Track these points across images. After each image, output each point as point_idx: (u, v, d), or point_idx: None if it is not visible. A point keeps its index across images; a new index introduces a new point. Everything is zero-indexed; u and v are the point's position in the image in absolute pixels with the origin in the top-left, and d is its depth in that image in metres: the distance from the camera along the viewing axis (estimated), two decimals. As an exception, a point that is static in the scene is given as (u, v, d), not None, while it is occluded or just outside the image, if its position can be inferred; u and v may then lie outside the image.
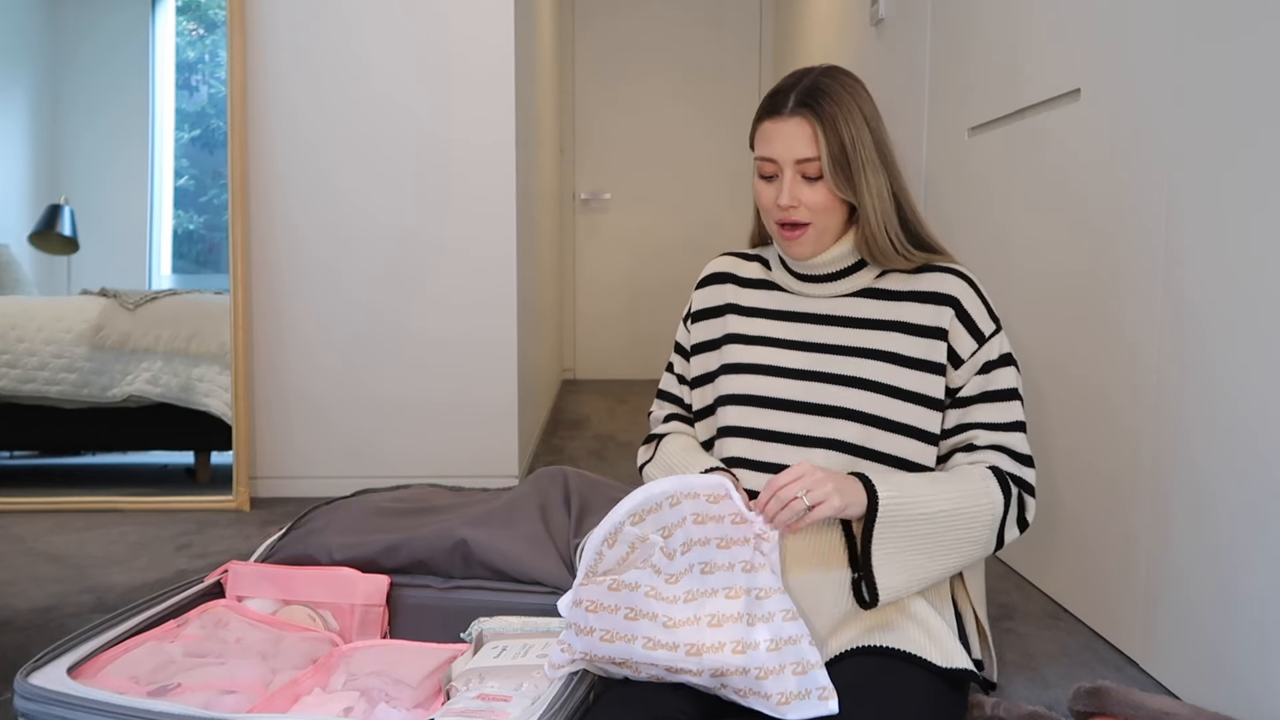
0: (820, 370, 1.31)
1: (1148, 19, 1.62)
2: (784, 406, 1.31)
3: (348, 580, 1.54)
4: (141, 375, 2.86)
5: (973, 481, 1.26)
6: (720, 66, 5.43)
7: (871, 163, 1.27)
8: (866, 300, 1.34)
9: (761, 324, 1.37)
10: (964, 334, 1.32)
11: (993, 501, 1.26)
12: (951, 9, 2.58)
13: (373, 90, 2.79)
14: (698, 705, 1.15)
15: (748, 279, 1.42)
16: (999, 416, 1.32)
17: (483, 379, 2.85)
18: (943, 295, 1.32)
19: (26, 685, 1.17)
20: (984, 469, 1.28)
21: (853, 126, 1.26)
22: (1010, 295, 2.17)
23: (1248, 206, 1.35)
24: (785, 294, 1.38)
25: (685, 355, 1.46)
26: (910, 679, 1.17)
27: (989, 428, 1.31)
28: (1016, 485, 1.30)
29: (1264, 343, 1.32)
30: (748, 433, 1.32)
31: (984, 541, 1.26)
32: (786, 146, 1.28)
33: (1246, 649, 1.36)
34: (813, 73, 1.31)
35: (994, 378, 1.32)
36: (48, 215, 3.12)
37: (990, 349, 1.33)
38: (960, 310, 1.32)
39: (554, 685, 1.17)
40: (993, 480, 1.27)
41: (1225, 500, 1.40)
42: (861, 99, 1.29)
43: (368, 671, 1.29)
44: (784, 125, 1.28)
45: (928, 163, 2.76)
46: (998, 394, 1.32)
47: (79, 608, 1.89)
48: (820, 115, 1.26)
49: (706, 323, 1.43)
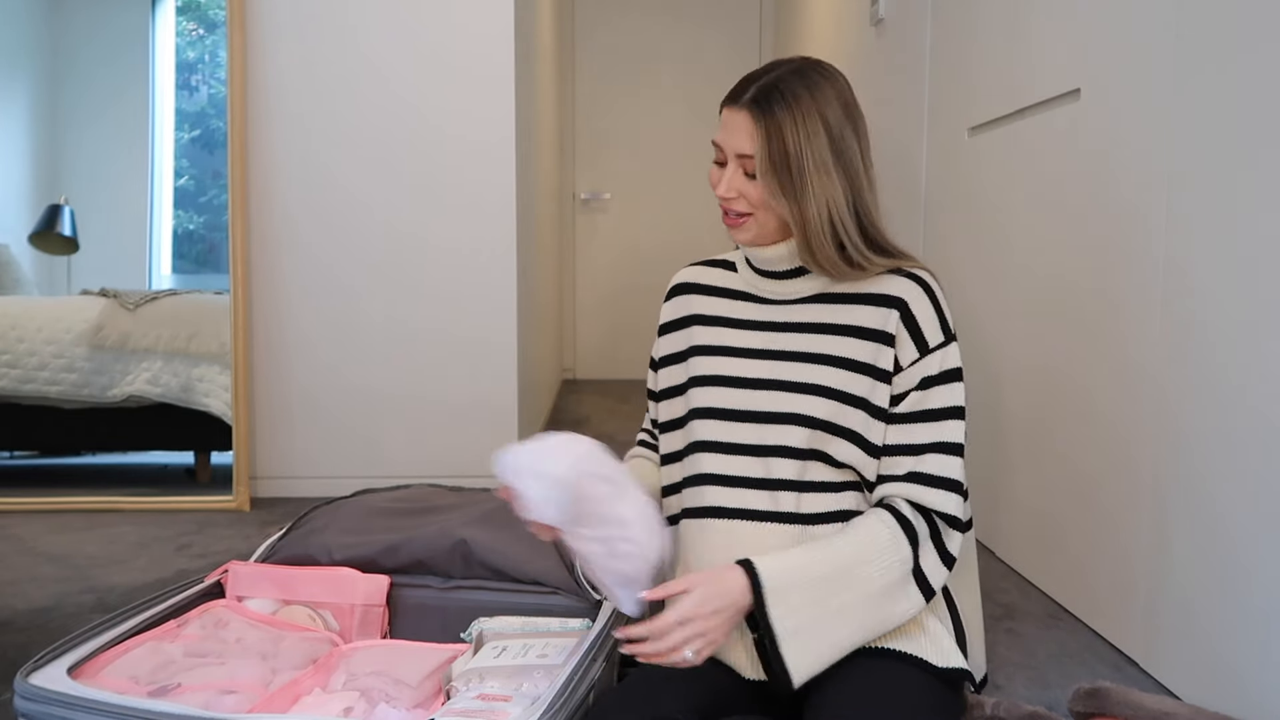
0: (776, 379, 1.29)
1: (1148, 19, 1.62)
2: (743, 418, 1.30)
3: (348, 580, 1.54)
4: (141, 375, 2.86)
5: (867, 530, 1.20)
6: (720, 66, 5.43)
7: (820, 170, 1.22)
8: (822, 305, 1.31)
9: (726, 333, 1.35)
10: (908, 341, 1.25)
11: (895, 544, 1.19)
12: (951, 9, 2.58)
13: (373, 90, 2.79)
14: (697, 706, 1.15)
15: (712, 287, 1.40)
16: (928, 437, 1.24)
17: (483, 379, 2.85)
18: (891, 298, 1.27)
19: (26, 685, 1.17)
20: (880, 513, 1.22)
21: (803, 132, 1.22)
22: (1009, 295, 2.17)
23: (1248, 206, 1.35)
24: (749, 301, 1.36)
25: (654, 368, 1.45)
26: (909, 679, 1.17)
27: (914, 451, 1.24)
28: (927, 521, 1.21)
29: (1264, 342, 1.32)
30: (713, 446, 1.31)
31: (900, 590, 1.19)
32: (732, 138, 1.26)
33: (1247, 649, 1.36)
34: (782, 67, 1.26)
35: (930, 395, 1.24)
36: (48, 215, 3.12)
37: (931, 363, 1.25)
38: (906, 314, 1.26)
39: (554, 685, 1.17)
40: (891, 523, 1.20)
41: (1225, 500, 1.40)
42: (826, 102, 1.24)
43: (368, 671, 1.29)
44: (735, 116, 1.26)
45: (928, 163, 2.76)
46: (932, 414, 1.24)
47: (79, 608, 1.89)
48: (768, 116, 1.22)
49: (672, 335, 1.41)
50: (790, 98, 1.22)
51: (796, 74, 1.25)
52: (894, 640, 1.20)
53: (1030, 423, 2.07)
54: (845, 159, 1.25)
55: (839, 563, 1.17)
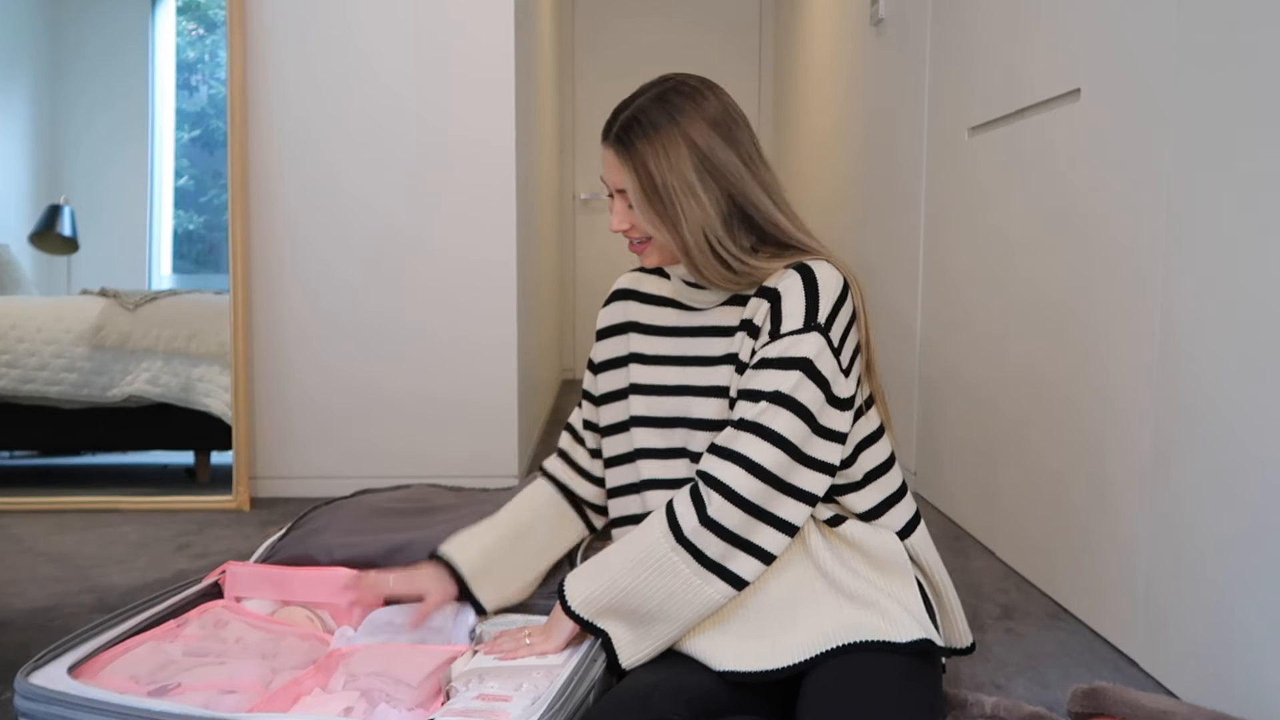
0: (690, 384, 1.33)
1: (1148, 19, 1.62)
2: (674, 424, 1.34)
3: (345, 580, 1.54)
4: (141, 375, 2.86)
5: (641, 529, 1.23)
6: (720, 67, 5.43)
7: (688, 194, 1.23)
8: (730, 307, 1.33)
9: (658, 342, 1.38)
10: (767, 326, 1.24)
11: (660, 525, 1.21)
12: (951, 9, 2.58)
13: (373, 90, 2.79)
14: (690, 706, 1.15)
15: (648, 295, 1.42)
16: (738, 413, 1.23)
17: (483, 379, 2.85)
18: (768, 289, 1.26)
19: (27, 685, 1.17)
20: (656, 513, 1.24)
21: (665, 161, 1.23)
22: (1009, 294, 2.17)
23: (1247, 206, 1.35)
24: (677, 309, 1.38)
25: (594, 371, 1.47)
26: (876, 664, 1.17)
27: (722, 426, 1.26)
28: (690, 492, 1.22)
29: (1264, 342, 1.32)
30: (651, 453, 1.35)
31: (690, 568, 1.19)
32: (609, 174, 1.30)
33: (1247, 649, 1.36)
34: (643, 95, 1.28)
35: (757, 376, 1.22)
36: (48, 215, 3.12)
37: (775, 347, 1.22)
38: (775, 305, 1.24)
39: (554, 685, 1.17)
40: (659, 514, 1.23)
41: (1225, 500, 1.40)
42: (690, 122, 1.25)
43: (368, 672, 1.29)
44: (607, 153, 1.29)
45: (928, 163, 2.77)
46: (751, 394, 1.22)
47: (79, 608, 1.89)
48: (630, 150, 1.25)
49: (611, 340, 1.44)
50: (649, 128, 1.25)
51: (655, 100, 1.27)
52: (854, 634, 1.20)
53: (1030, 422, 2.07)
54: (721, 174, 1.26)
55: (625, 561, 1.22)
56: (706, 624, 1.25)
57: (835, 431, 1.24)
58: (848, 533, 1.27)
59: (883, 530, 1.30)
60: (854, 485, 1.30)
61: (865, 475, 1.31)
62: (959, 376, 2.52)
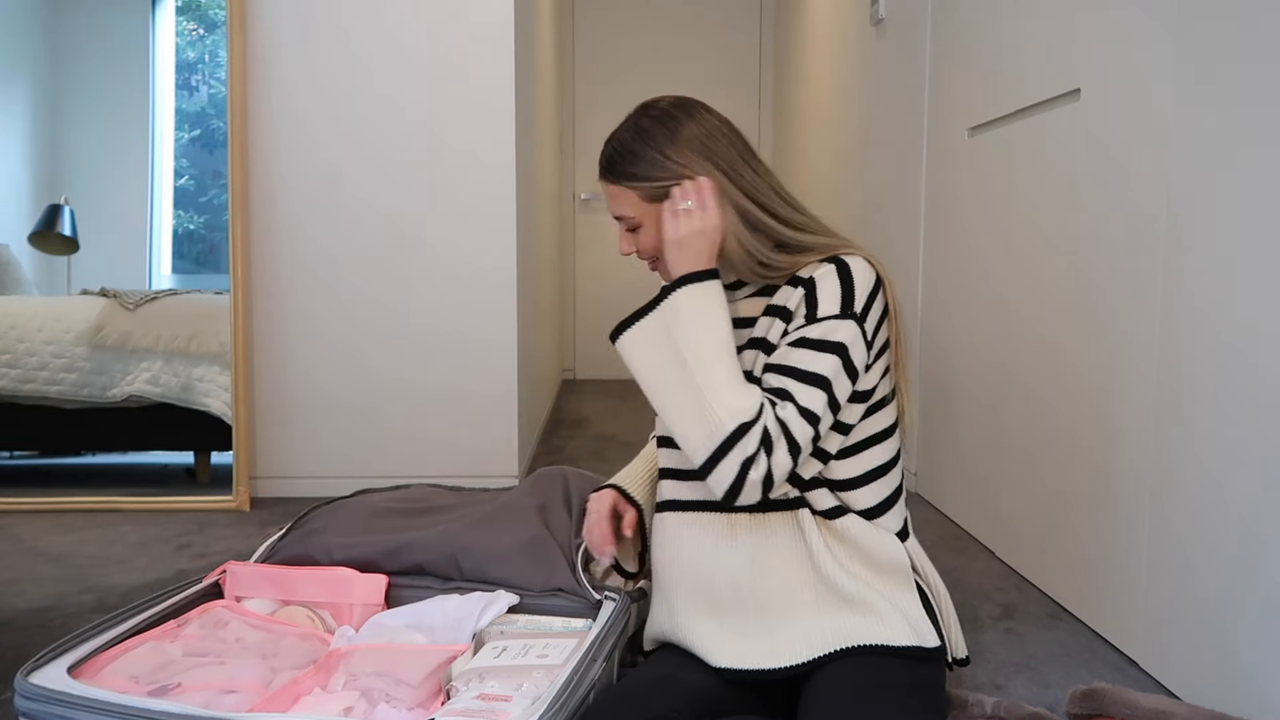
0: None
1: (1148, 19, 1.62)
2: None
3: (345, 580, 1.54)
4: (141, 375, 2.86)
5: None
6: (720, 67, 5.43)
7: None
8: (759, 298, 1.34)
9: None
10: (802, 310, 1.25)
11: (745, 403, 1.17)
12: (951, 9, 2.58)
13: (373, 90, 2.79)
14: (690, 705, 1.15)
15: None
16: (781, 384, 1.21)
17: (483, 379, 2.85)
18: (802, 279, 1.26)
19: (27, 685, 1.17)
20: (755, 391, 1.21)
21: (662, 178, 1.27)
22: (1009, 294, 2.17)
23: (1247, 205, 1.35)
24: None
25: None
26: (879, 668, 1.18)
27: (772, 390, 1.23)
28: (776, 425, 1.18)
29: (1264, 342, 1.32)
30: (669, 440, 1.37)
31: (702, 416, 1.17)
32: (613, 205, 1.33)
33: (1246, 649, 1.36)
34: (621, 127, 1.33)
35: (794, 354, 1.22)
36: (48, 215, 3.12)
37: (813, 330, 1.22)
38: (810, 291, 1.25)
39: (554, 685, 1.17)
40: (757, 394, 1.19)
41: (1225, 500, 1.40)
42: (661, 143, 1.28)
43: (368, 672, 1.29)
44: (606, 187, 1.33)
45: (928, 163, 2.77)
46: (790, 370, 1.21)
47: (79, 608, 1.89)
48: (624, 180, 1.29)
49: None
50: (634, 156, 1.29)
51: (632, 132, 1.31)
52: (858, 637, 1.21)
53: (1029, 421, 2.07)
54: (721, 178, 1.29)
55: (702, 352, 1.21)
56: (705, 616, 1.25)
57: (842, 423, 1.28)
58: (848, 528, 1.27)
59: (883, 531, 1.30)
60: (855, 481, 1.30)
61: (867, 473, 1.31)
62: (959, 377, 2.52)
